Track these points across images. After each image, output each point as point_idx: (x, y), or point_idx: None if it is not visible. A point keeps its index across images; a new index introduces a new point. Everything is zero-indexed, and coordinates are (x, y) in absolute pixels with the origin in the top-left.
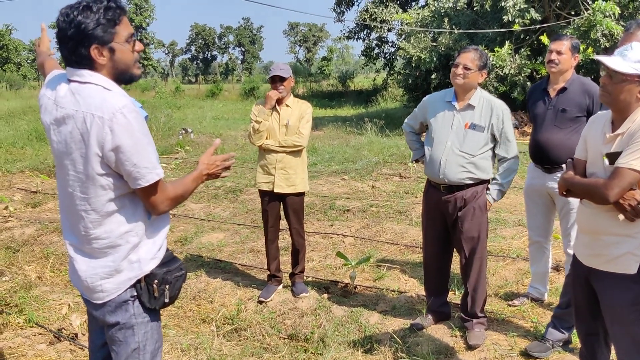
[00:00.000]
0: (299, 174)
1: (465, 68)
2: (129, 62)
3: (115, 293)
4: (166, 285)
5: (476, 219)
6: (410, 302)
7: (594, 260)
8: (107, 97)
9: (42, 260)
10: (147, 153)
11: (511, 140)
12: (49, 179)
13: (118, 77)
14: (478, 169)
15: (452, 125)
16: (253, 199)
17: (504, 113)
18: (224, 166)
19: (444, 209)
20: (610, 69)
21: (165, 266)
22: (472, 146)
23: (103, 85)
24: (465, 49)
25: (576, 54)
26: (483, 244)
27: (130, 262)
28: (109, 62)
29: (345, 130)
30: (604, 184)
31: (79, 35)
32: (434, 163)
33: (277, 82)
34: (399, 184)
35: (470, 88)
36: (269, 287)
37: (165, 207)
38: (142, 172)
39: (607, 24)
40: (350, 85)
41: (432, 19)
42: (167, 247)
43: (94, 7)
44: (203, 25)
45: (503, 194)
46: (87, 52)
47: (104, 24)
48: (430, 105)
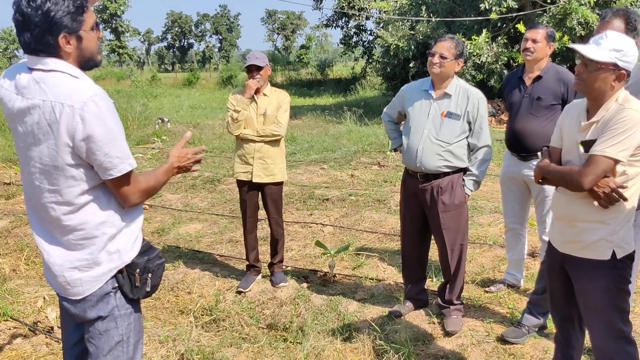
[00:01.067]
0: (277, 164)
1: (441, 57)
2: (93, 49)
3: (95, 286)
4: (148, 274)
5: (455, 210)
6: (388, 290)
7: (569, 246)
8: (76, 86)
9: (17, 253)
10: (119, 142)
11: (484, 129)
12: None
13: (82, 65)
14: (455, 157)
15: (428, 113)
16: (231, 189)
17: (480, 101)
18: (195, 159)
19: (421, 197)
20: (585, 57)
21: (145, 254)
22: (449, 134)
23: (69, 73)
24: (441, 37)
25: (551, 43)
26: (463, 234)
27: (109, 252)
28: (76, 51)
29: (324, 119)
30: (579, 171)
31: (46, 22)
32: (411, 151)
33: (253, 71)
34: (378, 172)
35: (447, 77)
36: (247, 277)
37: (137, 198)
38: (114, 162)
39: (583, 12)
40: (329, 73)
41: (409, 7)
42: (144, 238)
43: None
44: (179, 12)
45: (479, 184)
46: (55, 41)
47: (72, 12)
48: (408, 94)
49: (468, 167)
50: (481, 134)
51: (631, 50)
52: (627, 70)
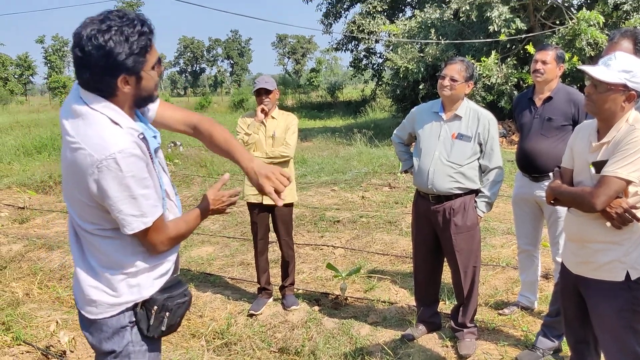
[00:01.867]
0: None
1: (452, 80)
2: (151, 88)
3: (109, 312)
4: (166, 312)
5: (467, 231)
6: (401, 313)
7: (582, 268)
8: (106, 136)
9: (30, 277)
10: (134, 202)
11: (495, 150)
12: (37, 195)
13: (137, 103)
14: (466, 179)
15: (439, 135)
16: (243, 212)
17: (490, 123)
18: (230, 202)
19: (433, 219)
20: (595, 79)
21: (167, 291)
22: (460, 156)
23: (111, 118)
24: (451, 60)
25: (561, 64)
26: (475, 256)
27: (130, 285)
28: (133, 90)
29: (335, 141)
30: (591, 192)
31: (108, 63)
32: (423, 173)
33: (262, 95)
34: (389, 194)
35: (458, 99)
36: (259, 300)
37: (165, 247)
38: (128, 220)
39: (592, 33)
40: (339, 96)
41: (419, 30)
42: (175, 273)
43: (127, 32)
44: (191, 38)
45: (491, 206)
46: (114, 82)
47: (136, 54)
48: (418, 116)
49: (480, 188)
50: (492, 155)
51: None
52: (637, 91)
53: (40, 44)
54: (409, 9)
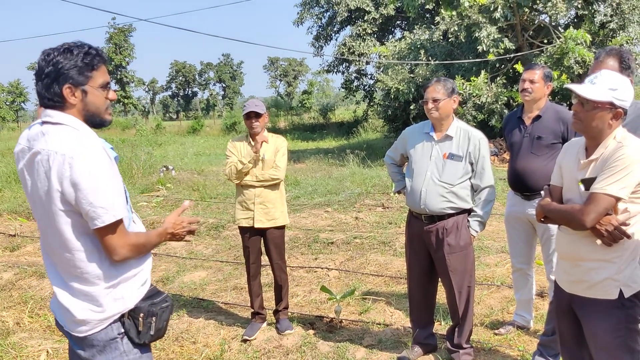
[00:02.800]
0: (278, 207)
1: (434, 100)
2: (100, 106)
3: (98, 327)
4: (152, 318)
5: (461, 251)
6: (396, 335)
7: (575, 286)
8: (72, 136)
9: (20, 306)
10: (105, 193)
11: (486, 169)
12: (28, 222)
13: (88, 119)
14: (458, 198)
15: (431, 155)
16: (236, 235)
17: (481, 142)
18: (189, 229)
19: (426, 239)
20: (582, 97)
21: (150, 299)
22: (451, 176)
23: (72, 126)
24: (428, 84)
25: (549, 82)
26: (470, 275)
27: (114, 299)
28: (80, 103)
29: (328, 162)
30: (580, 209)
31: (54, 73)
32: (415, 193)
33: (252, 119)
34: (382, 214)
35: (447, 117)
36: (253, 325)
37: (126, 252)
38: (98, 212)
39: (579, 51)
40: (331, 117)
41: (408, 51)
42: (152, 284)
43: (75, 50)
44: (183, 62)
45: (484, 225)
46: (60, 90)
47: (80, 67)
48: (410, 137)
49: (472, 207)
50: (484, 174)
51: (626, 89)
52: (623, 109)
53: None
54: (399, 30)
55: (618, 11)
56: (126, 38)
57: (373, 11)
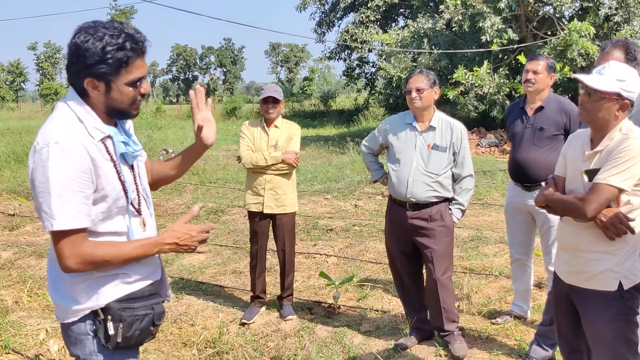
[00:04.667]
0: (288, 194)
1: (417, 90)
2: (124, 102)
3: (70, 318)
4: (120, 323)
5: (445, 237)
6: (394, 322)
7: (575, 277)
8: (56, 127)
9: (20, 285)
10: (48, 197)
11: (467, 159)
12: (27, 202)
13: (110, 113)
14: (442, 188)
15: (415, 146)
16: (235, 220)
17: (462, 133)
18: (201, 238)
19: (409, 226)
20: (589, 87)
21: (126, 302)
22: (437, 166)
23: (78, 115)
24: (410, 74)
25: (552, 74)
26: (450, 260)
27: (89, 291)
28: (102, 97)
29: (328, 150)
30: (582, 199)
31: (78, 62)
32: (401, 183)
33: (269, 104)
34: (382, 202)
35: (429, 107)
36: (251, 308)
37: (73, 264)
38: (42, 217)
39: (583, 44)
40: (332, 104)
41: (411, 40)
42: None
43: (106, 40)
44: (184, 46)
45: (464, 212)
46: (81, 82)
47: (108, 64)
48: (391, 127)
49: (454, 196)
50: (464, 164)
51: (634, 80)
52: (630, 100)
53: (32, 51)
54: (402, 18)
55: (623, 4)
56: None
57: None
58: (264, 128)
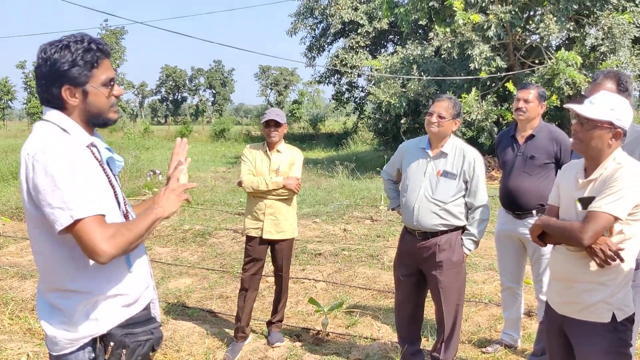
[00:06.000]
0: (288, 220)
1: (439, 117)
2: (102, 106)
3: (68, 348)
4: (122, 350)
5: (452, 268)
6: (383, 350)
7: (567, 308)
8: (44, 136)
9: (1, 307)
10: (63, 193)
11: (480, 189)
12: (11, 221)
13: (90, 120)
14: (451, 216)
15: (425, 172)
16: (222, 242)
17: (476, 161)
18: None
19: (418, 255)
20: (582, 116)
21: (128, 327)
22: (444, 194)
23: (61, 126)
24: (439, 98)
25: (543, 102)
26: (459, 293)
27: (89, 319)
28: (81, 104)
29: (317, 173)
30: (580, 227)
31: (52, 74)
32: (408, 210)
33: (271, 127)
34: (371, 227)
35: (444, 136)
36: (234, 346)
37: (108, 248)
38: (56, 214)
39: (570, 73)
40: (321, 128)
41: (401, 66)
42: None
43: (73, 47)
44: (174, 67)
45: (477, 244)
46: (59, 92)
47: (80, 66)
48: (406, 152)
49: (466, 225)
50: (477, 193)
51: (625, 109)
52: (622, 129)
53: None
54: (391, 45)
55: (609, 35)
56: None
57: (367, 25)
58: (266, 152)
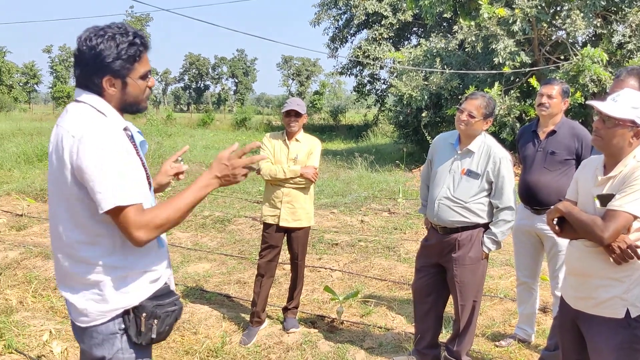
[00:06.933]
0: (305, 208)
1: (469, 115)
2: (139, 96)
3: (99, 320)
4: (154, 320)
5: (470, 264)
6: (397, 340)
7: (582, 303)
8: (87, 118)
9: (25, 285)
10: (108, 177)
11: (506, 190)
12: (36, 203)
13: (124, 108)
14: (471, 213)
15: (450, 169)
16: (241, 229)
17: (502, 162)
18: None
19: (439, 249)
20: (604, 114)
21: (156, 299)
22: (464, 193)
23: (97, 108)
24: (473, 95)
25: (566, 99)
26: (477, 290)
27: (120, 292)
28: (118, 94)
29: (336, 164)
30: (601, 225)
31: (95, 63)
32: (431, 205)
33: (291, 117)
34: (388, 219)
35: (474, 135)
36: (250, 330)
37: (144, 234)
38: (103, 195)
39: (595, 70)
40: (341, 119)
41: (424, 59)
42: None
43: (118, 39)
44: (197, 55)
45: (498, 244)
46: (100, 81)
47: (123, 59)
48: (438, 145)
49: (489, 224)
50: (502, 194)
51: None
52: None
53: (47, 54)
54: (415, 37)
55: (637, 32)
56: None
57: (390, 16)
58: (285, 141)
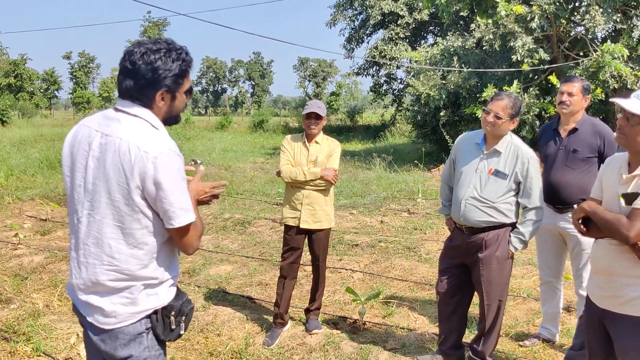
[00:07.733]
0: (325, 210)
1: (496, 116)
2: (180, 110)
3: (127, 321)
4: (183, 317)
5: (497, 264)
6: (420, 340)
7: (608, 302)
8: (155, 135)
9: (50, 289)
10: (183, 195)
11: (534, 190)
12: (59, 207)
13: (166, 120)
14: (498, 213)
15: (476, 169)
16: (261, 232)
17: (530, 162)
18: (212, 194)
19: (464, 250)
20: (627, 111)
21: (179, 298)
22: (492, 193)
23: (151, 123)
24: (498, 95)
25: (587, 96)
26: (502, 290)
27: (148, 294)
28: (166, 107)
29: (354, 165)
30: (627, 224)
31: (153, 77)
32: (457, 205)
33: (312, 119)
34: (408, 219)
35: (500, 135)
36: (273, 331)
37: (197, 244)
38: (177, 213)
39: (616, 66)
40: (358, 120)
41: (441, 58)
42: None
43: (174, 55)
44: (214, 58)
45: (525, 243)
46: (154, 95)
47: (177, 75)
48: (462, 145)
49: (517, 224)
50: (531, 194)
51: None
52: None
53: (67, 60)
54: (431, 36)
55: None
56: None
57: (407, 16)
58: (304, 143)
